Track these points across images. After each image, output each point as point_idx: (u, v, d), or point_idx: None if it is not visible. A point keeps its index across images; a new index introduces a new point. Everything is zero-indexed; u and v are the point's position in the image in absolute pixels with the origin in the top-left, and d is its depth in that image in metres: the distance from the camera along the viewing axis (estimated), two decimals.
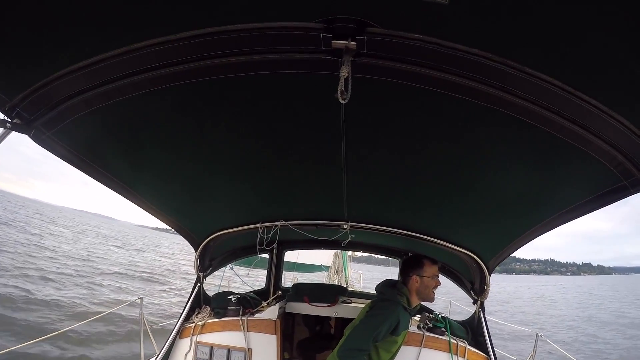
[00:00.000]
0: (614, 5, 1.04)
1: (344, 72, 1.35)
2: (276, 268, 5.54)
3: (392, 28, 1.30)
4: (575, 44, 1.22)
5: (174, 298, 18.74)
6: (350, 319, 3.17)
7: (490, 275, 3.79)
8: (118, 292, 18.45)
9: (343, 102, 1.38)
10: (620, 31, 1.13)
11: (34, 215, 69.22)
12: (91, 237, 53.35)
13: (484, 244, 3.58)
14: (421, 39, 1.32)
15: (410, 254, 4.88)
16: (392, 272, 6.68)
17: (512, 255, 3.60)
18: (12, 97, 1.69)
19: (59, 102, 1.76)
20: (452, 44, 1.32)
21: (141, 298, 5.25)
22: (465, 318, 4.35)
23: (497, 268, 3.86)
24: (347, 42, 1.32)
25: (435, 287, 3.11)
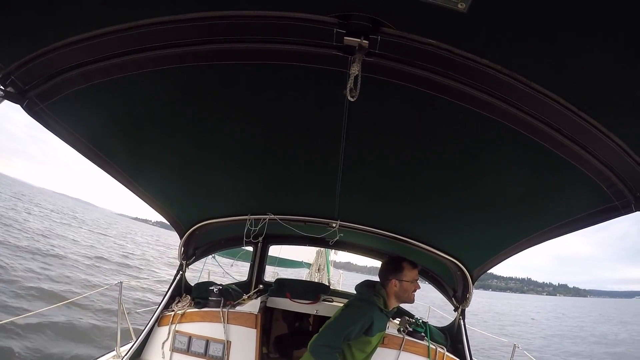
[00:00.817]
0: (619, 34, 1.07)
1: (355, 69, 1.34)
2: (260, 261, 5.52)
3: (407, 30, 1.29)
4: (582, 65, 1.24)
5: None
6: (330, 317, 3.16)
7: (473, 284, 3.81)
8: None
9: (351, 99, 1.37)
10: (624, 57, 1.15)
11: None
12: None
13: (470, 253, 3.60)
14: (434, 44, 1.31)
15: (389, 257, 4.91)
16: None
17: (489, 271, 3.63)
18: (7, 64, 1.63)
19: (56, 74, 1.71)
20: (464, 53, 1.32)
21: (121, 282, 5.17)
22: (444, 325, 4.38)
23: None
24: (360, 39, 1.30)
25: (414, 291, 3.12)
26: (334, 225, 3.78)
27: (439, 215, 3.06)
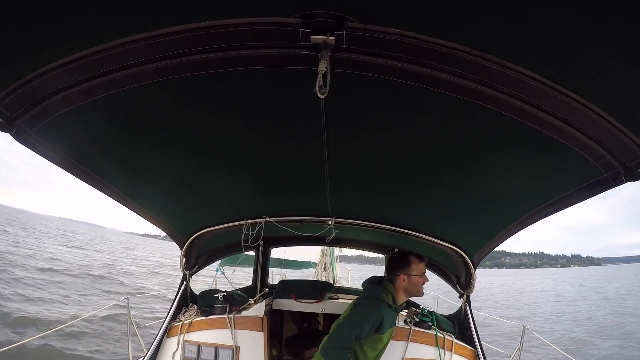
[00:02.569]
0: (589, 1, 1.05)
1: (322, 67, 1.35)
2: (262, 265, 5.54)
3: (370, 22, 1.30)
4: (553, 37, 1.23)
5: None
6: (338, 315, 3.16)
7: (475, 269, 3.82)
8: None
9: (321, 96, 1.38)
10: (597, 25, 1.14)
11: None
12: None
13: (469, 238, 3.61)
14: (399, 33, 1.32)
15: (396, 251, 4.89)
16: (380, 271, 6.70)
17: (501, 249, 3.62)
18: None
19: (41, 100, 1.73)
20: (430, 38, 1.32)
21: (128, 298, 5.21)
22: (452, 312, 4.38)
23: (487, 262, 3.90)
24: (325, 37, 1.31)
25: (423, 284, 3.10)
26: (330, 222, 3.80)
27: (432, 204, 3.06)
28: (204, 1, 1.26)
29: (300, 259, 11.72)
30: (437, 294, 8.71)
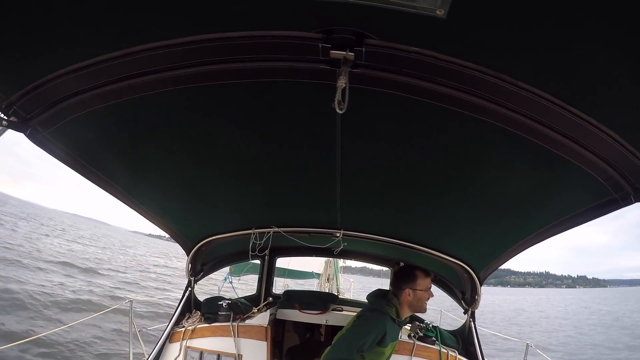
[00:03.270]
0: (604, 22, 1.07)
1: (342, 82, 1.36)
2: (267, 274, 5.52)
3: (390, 40, 1.32)
4: (567, 60, 1.25)
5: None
6: (341, 327, 3.15)
7: (481, 286, 3.80)
8: None
9: (340, 112, 1.39)
10: (610, 48, 1.15)
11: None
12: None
13: (476, 255, 3.59)
14: (418, 51, 1.34)
15: (402, 265, 4.88)
16: (383, 284, 6.68)
17: (506, 267, 3.59)
18: (9, 94, 1.68)
19: (56, 102, 1.76)
20: (448, 57, 1.34)
21: (131, 301, 5.20)
22: (456, 328, 4.36)
23: (492, 280, 3.89)
24: (345, 52, 1.33)
25: (428, 299, 3.10)
26: (338, 235, 3.79)
27: (441, 219, 3.06)
28: (226, 12, 1.28)
29: (302, 269, 11.64)
30: (440, 308, 8.64)
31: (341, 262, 11.46)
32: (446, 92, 1.49)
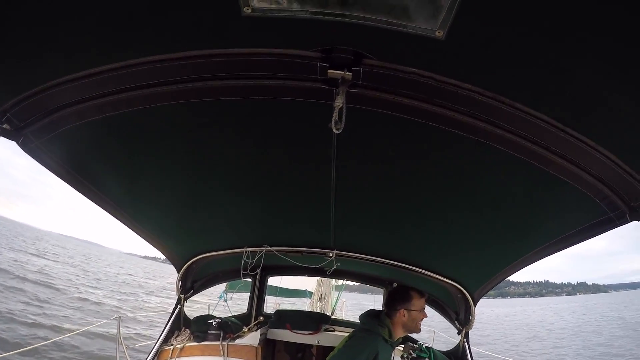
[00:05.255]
0: (600, 44, 1.08)
1: (339, 102, 1.36)
2: (259, 293, 5.45)
3: (388, 61, 1.32)
4: (564, 82, 1.26)
5: None
6: (333, 348, 3.11)
7: (475, 306, 3.77)
8: None
9: (337, 132, 1.39)
10: (607, 70, 1.16)
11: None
12: None
13: (470, 275, 3.57)
14: (416, 72, 1.34)
15: (396, 285, 4.83)
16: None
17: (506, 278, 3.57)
18: (3, 102, 1.65)
19: (51, 112, 1.72)
20: (445, 79, 1.35)
21: (119, 317, 5.13)
22: (450, 349, 4.30)
23: (492, 292, 3.84)
24: (343, 72, 1.33)
25: (422, 320, 3.05)
26: (331, 255, 3.75)
27: (435, 240, 3.05)
28: (225, 29, 1.28)
29: (294, 287, 11.50)
30: (433, 329, 8.54)
31: (334, 282, 11.30)
32: (443, 113, 1.48)
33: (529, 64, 1.21)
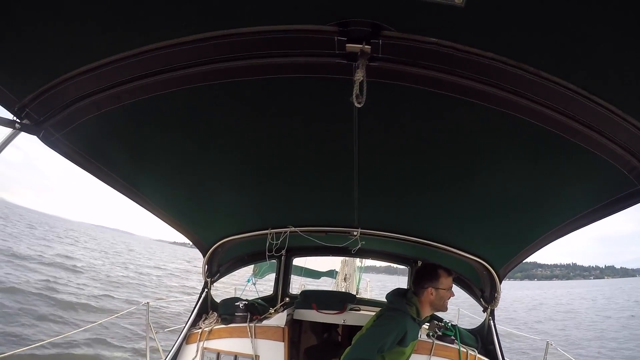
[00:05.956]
0: (628, 9, 1.03)
1: (359, 75, 1.34)
2: (284, 275, 5.52)
3: (407, 32, 1.29)
4: (590, 47, 1.21)
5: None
6: (359, 327, 3.13)
7: (501, 283, 3.74)
8: None
9: (358, 105, 1.37)
10: (634, 35, 1.12)
11: None
12: None
13: (495, 252, 3.54)
14: (436, 42, 1.31)
15: (423, 264, 4.82)
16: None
17: (532, 260, 3.50)
18: (21, 97, 1.67)
19: (69, 104, 1.74)
20: (467, 48, 1.31)
21: (148, 302, 5.24)
22: (475, 327, 4.29)
23: (518, 274, 3.81)
24: (361, 45, 1.31)
25: (449, 298, 3.04)
26: (355, 233, 3.76)
27: (459, 215, 3.01)
28: (237, 7, 1.26)
29: (321, 269, 11.55)
30: (458, 307, 8.50)
31: (358, 262, 11.32)
32: (466, 84, 1.45)
33: (552, 29, 1.16)
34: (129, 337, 12.25)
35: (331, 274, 12.04)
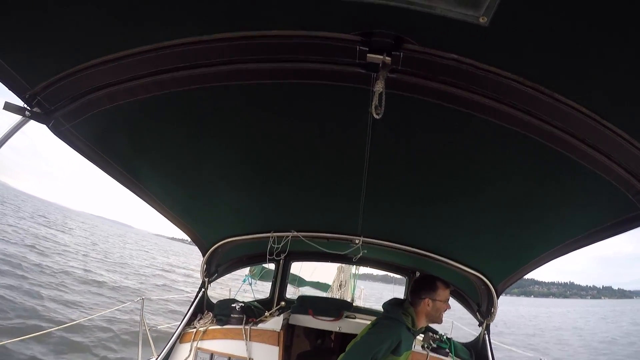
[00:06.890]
0: None
1: (379, 87, 1.34)
2: (281, 279, 5.50)
3: (429, 46, 1.30)
4: (605, 73, 1.23)
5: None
6: (353, 335, 3.13)
7: (498, 298, 3.73)
8: None
9: (377, 117, 1.37)
10: None
11: None
12: None
13: (494, 267, 3.54)
14: (456, 58, 1.32)
15: (422, 275, 4.82)
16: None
17: (530, 277, 3.53)
18: (34, 85, 1.64)
19: (82, 95, 1.72)
20: (485, 66, 1.33)
21: (142, 299, 5.22)
22: (469, 340, 4.30)
23: (515, 290, 3.80)
24: (383, 56, 1.31)
25: (445, 311, 3.04)
26: (357, 241, 3.74)
27: (462, 229, 3.02)
28: (261, 10, 1.27)
29: (313, 279, 11.38)
30: (452, 320, 8.45)
31: (354, 269, 11.24)
32: (480, 101, 1.47)
33: (571, 53, 1.18)
34: (121, 333, 12.18)
35: (316, 284, 11.77)
